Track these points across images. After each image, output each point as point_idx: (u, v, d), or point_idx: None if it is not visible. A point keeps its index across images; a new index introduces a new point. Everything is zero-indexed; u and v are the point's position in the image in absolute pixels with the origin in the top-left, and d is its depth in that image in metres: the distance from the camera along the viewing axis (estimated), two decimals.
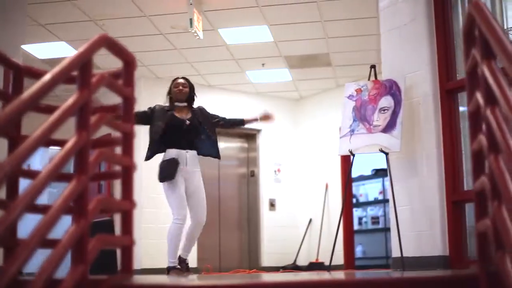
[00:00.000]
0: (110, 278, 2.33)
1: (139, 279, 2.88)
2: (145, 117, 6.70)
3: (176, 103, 6.82)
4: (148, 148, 6.69)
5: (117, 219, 5.71)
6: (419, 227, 6.03)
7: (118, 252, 6.30)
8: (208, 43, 9.58)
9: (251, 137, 12.96)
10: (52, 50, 9.98)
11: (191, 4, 8.02)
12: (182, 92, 6.83)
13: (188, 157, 6.67)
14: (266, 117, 7.12)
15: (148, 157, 6.66)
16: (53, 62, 10.08)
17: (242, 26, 9.34)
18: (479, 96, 2.76)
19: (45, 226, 2.03)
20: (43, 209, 2.47)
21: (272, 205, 12.83)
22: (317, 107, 12.92)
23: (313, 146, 12.90)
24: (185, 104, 6.85)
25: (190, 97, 6.90)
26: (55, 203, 2.16)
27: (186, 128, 6.67)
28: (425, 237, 5.96)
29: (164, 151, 6.67)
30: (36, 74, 3.02)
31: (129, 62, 2.98)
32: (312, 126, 12.95)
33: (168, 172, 6.57)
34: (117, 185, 6.88)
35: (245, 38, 9.81)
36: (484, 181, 2.80)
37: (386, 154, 6.27)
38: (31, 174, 2.71)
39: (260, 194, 12.77)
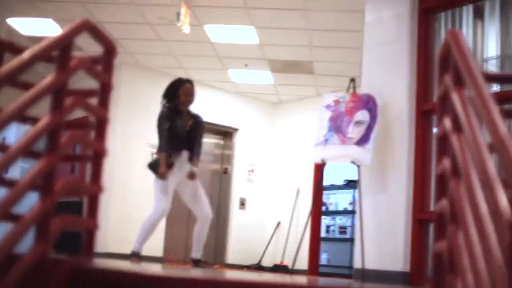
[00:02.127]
0: (70, 259, 2.37)
1: (98, 262, 2.91)
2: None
3: (181, 108, 7.00)
4: (166, 142, 6.84)
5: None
6: (383, 241, 6.11)
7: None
8: (193, 38, 9.59)
9: (227, 134, 12.99)
10: (37, 27, 9.92)
11: None
12: (191, 101, 6.94)
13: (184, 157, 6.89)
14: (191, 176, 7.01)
15: (166, 151, 6.82)
16: (36, 40, 10.02)
17: (229, 24, 9.37)
18: (447, 122, 2.83)
19: (10, 200, 2.06)
20: (10, 183, 2.51)
21: (242, 204, 12.88)
22: (295, 113, 12.98)
23: (288, 150, 12.96)
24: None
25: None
26: (23, 178, 2.20)
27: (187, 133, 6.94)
28: (387, 251, 6.04)
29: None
30: (17, 50, 3.04)
31: (109, 49, 3.01)
32: (289, 131, 13.01)
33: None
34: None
35: (231, 37, 9.83)
36: (444, 204, 2.87)
37: (358, 166, 6.34)
38: (2, 148, 2.74)
39: (232, 192, 12.82)
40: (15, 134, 8.59)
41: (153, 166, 6.86)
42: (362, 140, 6.31)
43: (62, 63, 2.47)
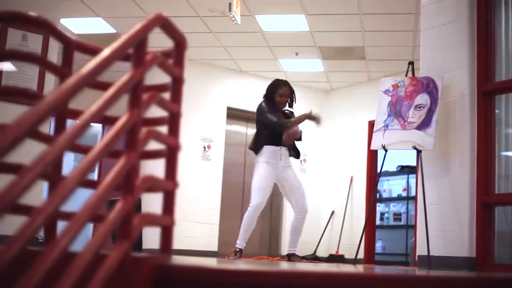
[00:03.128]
0: (152, 257, 2.35)
1: (179, 260, 2.90)
2: None
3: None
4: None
5: (146, 198, 5.79)
6: (446, 226, 6.01)
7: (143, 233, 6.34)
8: (244, 28, 9.59)
9: None
10: (88, 26, 10.02)
11: None
12: (285, 104, 7.16)
13: (282, 154, 7.07)
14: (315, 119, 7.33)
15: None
16: (88, 37, 10.13)
17: (279, 14, 9.34)
18: None
19: (97, 200, 2.05)
20: (92, 184, 2.49)
21: None
22: (347, 99, 12.90)
23: (340, 138, 12.88)
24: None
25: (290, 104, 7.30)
26: (106, 178, 2.18)
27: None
28: (452, 237, 5.95)
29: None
30: (88, 49, 3.04)
31: (180, 43, 2.99)
32: (341, 118, 12.93)
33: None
34: (146, 165, 6.96)
35: (281, 26, 9.80)
36: None
37: (419, 151, 6.25)
38: (81, 149, 2.74)
39: None
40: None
41: (256, 147, 7.08)
42: (424, 124, 6.20)
43: (139, 59, 2.45)
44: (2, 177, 2.06)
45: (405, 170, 12.98)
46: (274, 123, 6.90)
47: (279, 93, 7.10)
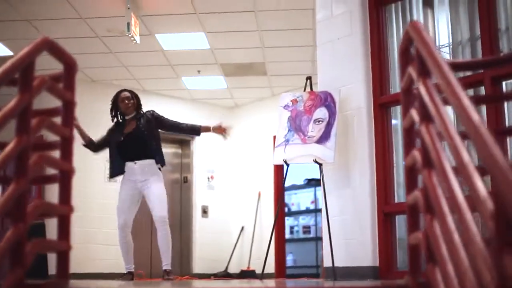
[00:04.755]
0: (48, 282, 2.32)
1: (75, 283, 2.87)
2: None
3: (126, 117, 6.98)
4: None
5: (51, 223, 5.67)
6: (350, 237, 6.12)
7: (49, 256, 6.20)
8: (144, 47, 9.55)
9: (185, 143, 12.93)
10: None
11: (128, 8, 7.99)
12: (129, 106, 6.87)
13: (135, 168, 6.80)
14: (220, 129, 7.10)
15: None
16: None
17: (179, 32, 9.35)
18: (414, 113, 2.85)
19: None
20: None
21: (204, 211, 12.84)
22: (252, 115, 12.99)
23: (247, 154, 12.95)
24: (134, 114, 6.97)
25: (137, 107, 7.02)
26: None
27: (125, 140, 6.76)
28: (355, 248, 6.05)
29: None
30: None
31: (70, 66, 2.97)
32: (247, 134, 13.00)
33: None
34: (49, 188, 6.85)
35: (182, 44, 9.82)
36: (417, 195, 2.89)
37: (320, 164, 6.35)
38: None
39: (193, 200, 12.76)
40: None
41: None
42: (323, 138, 6.31)
43: (25, 84, 2.43)
44: None
45: (312, 183, 13.13)
46: None
47: (119, 102, 7.01)
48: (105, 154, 11.18)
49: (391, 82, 6.21)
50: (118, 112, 6.98)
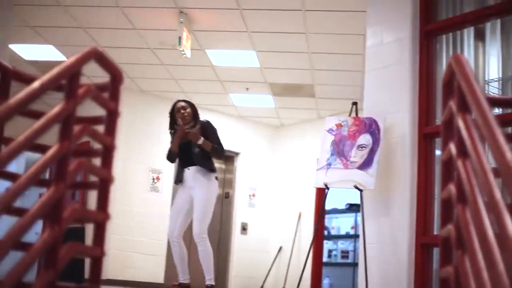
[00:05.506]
0: (79, 287, 2.37)
1: None
2: None
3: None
4: None
5: (89, 228, 5.76)
6: (386, 265, 6.08)
7: (86, 261, 6.29)
8: (194, 62, 9.66)
9: (229, 158, 13.01)
10: (38, 52, 9.99)
11: (181, 22, 8.10)
12: (185, 115, 7.06)
13: (187, 174, 6.94)
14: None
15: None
16: (37, 64, 10.11)
17: (230, 49, 9.44)
18: (452, 146, 2.84)
19: (20, 228, 2.08)
20: (19, 212, 2.51)
21: (244, 228, 12.87)
22: (297, 136, 13.01)
23: (289, 174, 12.97)
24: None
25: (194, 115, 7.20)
26: (32, 207, 2.21)
27: (183, 148, 6.98)
28: (391, 276, 6.00)
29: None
30: (25, 79, 3.07)
31: (116, 77, 3.03)
32: (290, 155, 13.03)
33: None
34: (92, 194, 6.96)
35: (232, 61, 9.91)
36: (451, 229, 2.87)
37: (361, 190, 6.34)
38: (10, 176, 2.75)
39: (233, 216, 12.82)
40: (14, 160, 8.64)
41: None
42: (365, 164, 6.30)
43: (71, 92, 2.50)
44: None
45: (353, 208, 13.05)
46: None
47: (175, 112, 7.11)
48: (146, 165, 11.40)
49: (437, 113, 6.17)
50: (176, 123, 7.06)
